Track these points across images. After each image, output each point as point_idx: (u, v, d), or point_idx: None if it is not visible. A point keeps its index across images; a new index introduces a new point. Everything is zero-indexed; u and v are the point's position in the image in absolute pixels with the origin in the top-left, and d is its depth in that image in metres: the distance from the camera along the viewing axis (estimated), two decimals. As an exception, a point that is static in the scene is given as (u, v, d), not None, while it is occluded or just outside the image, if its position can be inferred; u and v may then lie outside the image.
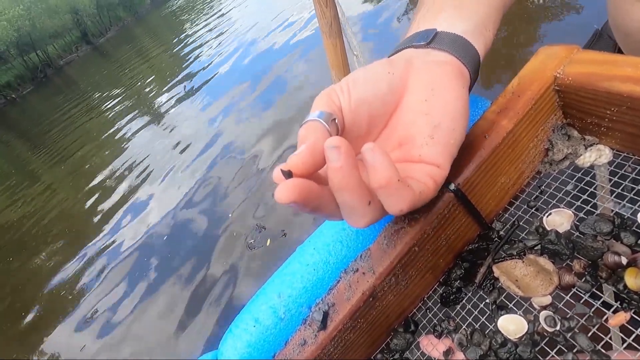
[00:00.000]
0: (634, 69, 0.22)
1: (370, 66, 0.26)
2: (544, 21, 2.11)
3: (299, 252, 0.33)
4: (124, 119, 5.36)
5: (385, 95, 0.25)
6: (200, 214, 2.55)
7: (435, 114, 0.24)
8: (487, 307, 0.28)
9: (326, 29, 1.11)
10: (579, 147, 0.29)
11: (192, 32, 8.58)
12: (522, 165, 0.30)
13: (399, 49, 0.28)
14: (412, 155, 0.24)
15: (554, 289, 0.25)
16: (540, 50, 0.28)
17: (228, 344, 0.31)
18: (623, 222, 0.25)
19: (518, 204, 0.31)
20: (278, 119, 3.05)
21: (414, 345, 0.31)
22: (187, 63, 6.30)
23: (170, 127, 4.22)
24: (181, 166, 3.27)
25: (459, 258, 0.31)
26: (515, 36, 2.09)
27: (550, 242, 0.26)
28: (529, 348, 0.24)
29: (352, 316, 0.28)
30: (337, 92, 0.24)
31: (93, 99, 7.90)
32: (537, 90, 0.26)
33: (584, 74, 0.25)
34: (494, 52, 2.07)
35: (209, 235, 2.30)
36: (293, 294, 0.30)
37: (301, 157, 0.20)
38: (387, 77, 0.25)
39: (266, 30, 5.34)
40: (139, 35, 14.08)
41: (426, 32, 0.27)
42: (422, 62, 0.26)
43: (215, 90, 4.49)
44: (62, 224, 3.65)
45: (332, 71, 1.17)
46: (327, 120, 0.22)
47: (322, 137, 0.21)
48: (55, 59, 20.79)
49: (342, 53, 1.14)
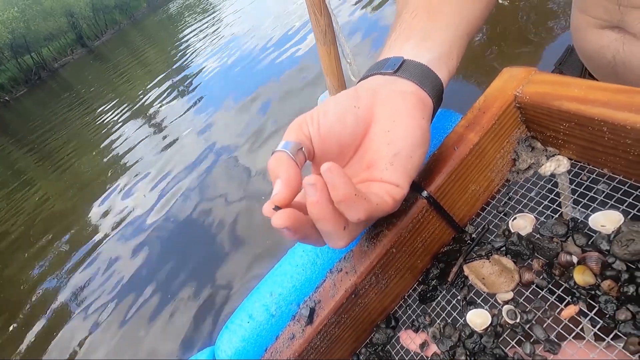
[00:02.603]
0: (579, 90, 0.25)
1: (339, 98, 0.28)
2: (527, 41, 2.18)
3: (290, 254, 0.36)
4: (119, 122, 5.37)
5: (352, 127, 0.28)
6: (193, 216, 2.57)
7: (396, 143, 0.27)
8: (458, 303, 0.31)
9: (320, 37, 1.14)
10: (542, 157, 0.32)
11: (188, 36, 8.60)
12: (491, 174, 0.33)
13: (370, 73, 0.31)
14: (375, 176, 0.27)
15: (516, 285, 0.28)
16: (504, 71, 0.31)
17: (224, 339, 0.33)
18: (576, 225, 0.28)
19: (489, 209, 0.34)
20: (274, 124, 3.08)
21: (394, 340, 0.34)
22: (182, 67, 6.32)
23: (164, 130, 4.23)
24: (175, 169, 3.29)
25: (436, 259, 0.34)
26: (496, 53, 2.17)
27: (513, 243, 0.29)
28: (492, 339, 0.27)
29: (336, 312, 0.31)
30: (307, 122, 0.27)
31: (88, 102, 7.88)
32: (499, 107, 0.29)
33: (539, 93, 0.28)
34: (479, 68, 2.13)
35: (205, 238, 2.32)
36: (283, 292, 0.33)
37: (282, 195, 0.24)
38: (354, 111, 0.28)
39: (263, 35, 5.37)
40: (135, 38, 14.05)
41: (394, 60, 0.30)
42: (388, 92, 0.29)
43: (211, 95, 4.51)
44: (53, 225, 3.64)
45: (327, 77, 1.20)
46: (294, 151, 0.25)
47: (292, 170, 0.24)
48: (49, 62, 20.70)
49: (336, 60, 1.17)
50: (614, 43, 0.38)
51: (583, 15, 0.41)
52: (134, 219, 2.93)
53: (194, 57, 6.49)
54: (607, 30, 0.39)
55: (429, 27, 0.32)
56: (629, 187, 0.27)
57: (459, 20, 0.33)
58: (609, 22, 0.38)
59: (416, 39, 0.31)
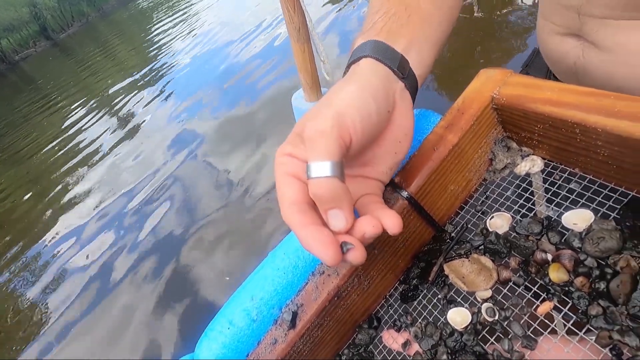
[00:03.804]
0: (552, 93, 0.26)
1: (378, 98, 0.27)
2: (497, 44, 2.27)
3: (270, 257, 0.35)
4: (85, 119, 5.12)
5: (379, 132, 0.28)
6: (161, 218, 2.49)
7: (401, 154, 0.30)
8: (439, 302, 0.31)
9: (294, 34, 1.13)
10: (517, 157, 0.33)
11: (160, 31, 8.31)
12: (469, 174, 0.34)
13: (377, 57, 0.29)
14: (372, 176, 0.30)
15: (494, 283, 0.29)
16: (481, 73, 0.32)
17: (204, 346, 0.32)
18: (550, 223, 0.29)
19: (467, 209, 0.35)
20: (246, 120, 3.03)
21: (376, 340, 0.34)
22: (154, 62, 6.09)
23: (132, 126, 4.08)
24: (145, 169, 3.18)
25: (417, 258, 0.34)
26: (469, 55, 2.25)
27: (491, 242, 0.30)
28: (472, 336, 0.28)
29: (319, 315, 0.30)
30: (349, 129, 0.25)
31: (51, 97, 7.47)
32: (477, 108, 0.30)
33: (515, 95, 0.28)
34: (454, 71, 2.19)
35: (174, 242, 2.25)
36: (265, 296, 0.33)
37: (347, 227, 0.25)
38: (386, 116, 0.28)
39: (236, 31, 5.27)
40: (104, 32, 13.44)
41: (402, 62, 0.30)
42: (408, 107, 0.30)
43: (181, 91, 4.38)
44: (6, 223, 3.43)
45: (301, 75, 1.20)
46: (341, 173, 0.23)
47: (350, 200, 0.25)
48: (9, 54, 19.50)
49: (310, 58, 1.17)
50: (574, 50, 0.40)
51: (547, 22, 0.43)
52: (101, 220, 2.80)
53: (166, 52, 6.30)
54: (568, 37, 0.40)
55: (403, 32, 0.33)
56: (599, 186, 0.28)
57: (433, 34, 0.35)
58: (570, 29, 0.39)
59: (404, 42, 0.31)
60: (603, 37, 0.35)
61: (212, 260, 1.97)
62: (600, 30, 0.35)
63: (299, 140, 0.26)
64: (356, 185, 0.29)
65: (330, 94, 0.28)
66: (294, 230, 0.25)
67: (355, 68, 0.30)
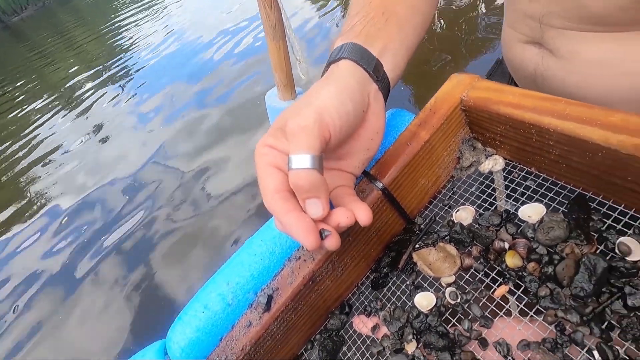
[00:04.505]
0: (514, 96, 0.29)
1: (354, 98, 0.29)
2: (464, 54, 2.42)
3: (247, 244, 0.35)
4: (40, 112, 4.77)
5: (354, 129, 0.30)
6: (124, 218, 2.38)
7: (372, 151, 0.32)
8: (407, 288, 0.33)
9: (270, 32, 1.13)
10: (481, 156, 0.36)
11: (125, 19, 7.93)
12: (438, 170, 0.36)
13: (353, 58, 0.31)
14: (346, 169, 0.32)
15: (457, 270, 0.31)
16: (452, 77, 0.34)
17: (177, 330, 0.32)
18: (508, 216, 0.32)
19: (436, 202, 0.37)
20: (216, 121, 2.97)
21: (347, 325, 0.35)
22: (118, 53, 5.77)
23: (95, 123, 3.85)
24: (104, 163, 3.02)
25: (388, 248, 0.36)
26: (439, 64, 2.37)
27: (456, 232, 0.33)
28: (436, 318, 0.30)
29: (294, 298, 0.31)
30: (329, 125, 0.27)
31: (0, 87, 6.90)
32: (448, 108, 0.32)
33: (481, 98, 0.31)
34: (428, 75, 2.30)
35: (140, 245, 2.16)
36: (241, 281, 0.33)
37: (322, 216, 0.26)
38: (362, 116, 0.30)
39: (209, 25, 5.14)
40: (63, 18, 12.61)
41: (377, 65, 0.32)
42: (381, 107, 0.32)
43: (147, 86, 4.19)
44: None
45: (275, 74, 1.20)
46: (320, 166, 0.25)
47: (327, 191, 0.26)
48: (-47, 35, 17.84)
49: (285, 56, 1.17)
50: (534, 57, 0.44)
51: (511, 30, 0.47)
52: (67, 221, 2.63)
53: (133, 44, 6.01)
54: (530, 45, 0.44)
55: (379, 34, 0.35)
56: (551, 184, 0.32)
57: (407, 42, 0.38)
58: (532, 38, 0.43)
59: (380, 45, 0.33)
60: (560, 45, 0.39)
61: (176, 257, 1.91)
62: (559, 39, 0.39)
63: (280, 133, 0.28)
64: (331, 177, 0.31)
65: (311, 92, 0.29)
66: (278, 216, 0.26)
67: (334, 68, 0.32)
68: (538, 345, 0.26)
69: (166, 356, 0.34)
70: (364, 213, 0.27)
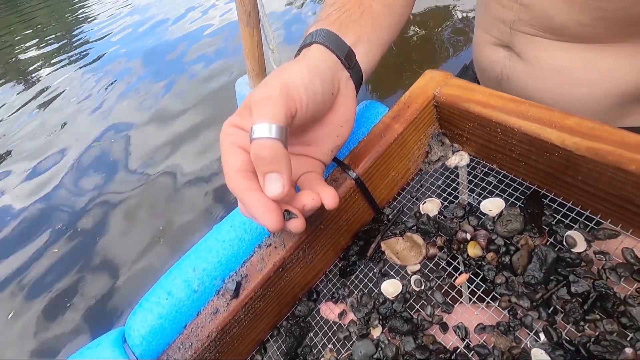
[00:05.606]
0: (482, 95, 0.31)
1: (324, 78, 0.29)
2: (433, 59, 2.52)
3: (215, 230, 0.35)
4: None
5: (323, 112, 0.30)
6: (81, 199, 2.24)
7: (342, 138, 0.32)
8: (374, 275, 0.34)
9: (244, 17, 1.10)
10: (449, 151, 0.38)
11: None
12: (408, 163, 0.37)
13: (326, 44, 0.31)
14: (314, 156, 0.32)
15: (423, 258, 0.33)
16: (426, 73, 0.36)
17: (137, 318, 0.31)
18: (471, 209, 0.34)
19: (404, 194, 0.39)
20: (181, 104, 2.85)
21: (315, 311, 0.36)
22: (80, 29, 5.31)
23: (49, 104, 3.57)
24: (60, 146, 2.81)
25: (357, 237, 0.37)
26: (414, 63, 2.45)
27: (423, 223, 0.34)
28: (401, 304, 0.31)
29: (263, 285, 0.31)
30: (296, 101, 0.26)
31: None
32: (421, 103, 0.33)
33: (452, 95, 0.33)
34: (401, 71, 2.35)
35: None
36: (208, 267, 0.32)
37: (284, 193, 0.24)
38: (330, 99, 0.29)
39: (179, 5, 4.90)
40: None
41: (349, 53, 0.32)
42: (350, 92, 0.32)
43: (109, 67, 3.91)
44: None
45: (247, 61, 1.17)
46: (285, 138, 0.24)
47: (289, 164, 0.24)
48: None
49: (258, 44, 1.14)
50: (502, 59, 0.47)
51: (483, 33, 0.49)
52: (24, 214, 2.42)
53: (96, 19, 5.59)
54: (500, 47, 0.47)
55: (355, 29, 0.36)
56: (510, 180, 0.34)
57: None
58: (502, 41, 0.46)
59: (353, 36, 0.34)
60: (526, 50, 0.42)
61: (130, 246, 1.82)
62: (526, 44, 0.42)
63: (247, 112, 0.27)
64: (299, 163, 0.31)
65: (280, 69, 0.29)
66: (239, 195, 0.25)
67: (305, 52, 0.32)
68: (493, 329, 0.27)
69: (125, 344, 0.33)
70: (330, 196, 0.27)
